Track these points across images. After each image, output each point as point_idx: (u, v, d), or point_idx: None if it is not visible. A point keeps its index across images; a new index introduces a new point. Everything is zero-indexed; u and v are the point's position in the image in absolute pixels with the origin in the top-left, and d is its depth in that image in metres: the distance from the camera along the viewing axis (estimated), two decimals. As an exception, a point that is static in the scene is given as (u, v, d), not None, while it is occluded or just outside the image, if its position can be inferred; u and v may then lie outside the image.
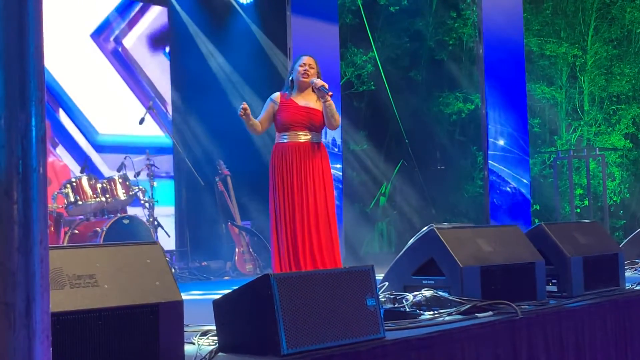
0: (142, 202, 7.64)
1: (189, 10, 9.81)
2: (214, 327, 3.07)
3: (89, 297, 2.51)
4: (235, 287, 2.92)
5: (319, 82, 4.90)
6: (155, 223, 7.68)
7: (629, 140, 12.92)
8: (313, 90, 5.00)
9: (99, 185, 7.20)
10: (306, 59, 5.02)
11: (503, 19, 9.54)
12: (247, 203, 9.03)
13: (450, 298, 3.70)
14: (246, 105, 4.86)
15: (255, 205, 8.76)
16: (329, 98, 4.86)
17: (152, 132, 9.36)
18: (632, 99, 13.10)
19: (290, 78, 5.05)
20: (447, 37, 12.99)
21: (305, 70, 4.97)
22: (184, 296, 2.77)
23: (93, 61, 9.16)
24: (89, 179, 7.20)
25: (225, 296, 2.98)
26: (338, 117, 4.98)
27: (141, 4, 9.67)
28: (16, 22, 1.40)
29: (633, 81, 12.92)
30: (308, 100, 4.98)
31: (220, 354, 2.86)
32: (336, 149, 9.64)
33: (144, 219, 7.42)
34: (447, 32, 13.00)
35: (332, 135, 9.50)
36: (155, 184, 7.77)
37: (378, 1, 12.33)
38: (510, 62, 9.54)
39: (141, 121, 7.94)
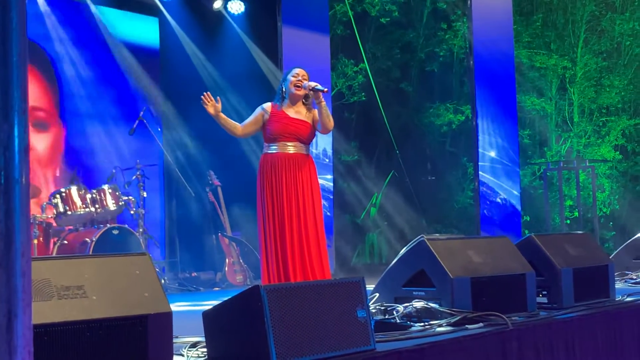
0: (132, 212, 7.61)
1: (180, 20, 9.80)
2: (203, 339, 3.05)
3: (77, 309, 2.48)
4: (225, 299, 2.90)
5: (312, 83, 4.91)
6: (145, 234, 7.64)
7: (618, 152, 12.97)
8: (304, 103, 5.00)
9: (88, 196, 7.17)
10: (299, 71, 5.01)
11: (493, 31, 9.59)
12: (238, 214, 9.00)
13: (441, 309, 3.69)
14: (209, 97, 5.06)
15: (246, 216, 8.73)
16: (322, 98, 4.85)
17: (143, 142, 9.33)
18: (621, 111, 13.17)
19: (282, 89, 5.03)
20: (438, 49, 13.04)
21: (298, 80, 4.96)
22: (173, 307, 2.76)
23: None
24: (79, 189, 7.17)
25: (214, 307, 2.96)
26: (332, 118, 4.99)
27: (132, 13, 9.65)
28: None
29: (622, 93, 12.99)
30: (298, 112, 4.97)
31: (209, 365, 2.85)
32: (327, 160, 9.63)
33: (134, 230, 7.39)
34: (437, 43, 13.06)
35: (322, 146, 9.50)
36: (145, 194, 7.74)
37: (369, 13, 12.38)
38: (500, 74, 9.59)
39: (131, 131, 7.92)
